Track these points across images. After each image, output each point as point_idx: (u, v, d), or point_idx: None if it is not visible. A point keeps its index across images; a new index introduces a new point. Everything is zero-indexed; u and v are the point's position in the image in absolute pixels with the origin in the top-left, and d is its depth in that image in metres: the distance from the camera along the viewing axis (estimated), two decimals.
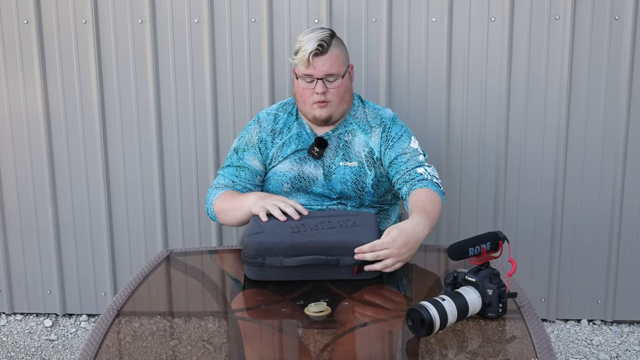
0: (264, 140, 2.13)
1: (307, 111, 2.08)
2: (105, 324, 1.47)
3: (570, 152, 2.63)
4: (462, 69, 2.59)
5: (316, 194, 2.11)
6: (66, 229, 2.83)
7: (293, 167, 2.11)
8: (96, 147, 2.73)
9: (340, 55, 2.06)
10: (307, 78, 2.04)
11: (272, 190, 2.13)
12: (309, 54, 2.00)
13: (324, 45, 2.01)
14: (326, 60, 2.02)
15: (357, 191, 2.10)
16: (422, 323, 1.37)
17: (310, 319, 1.49)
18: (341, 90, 2.05)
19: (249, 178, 2.12)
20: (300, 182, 2.10)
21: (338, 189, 2.10)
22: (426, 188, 1.96)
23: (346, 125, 2.13)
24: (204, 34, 2.62)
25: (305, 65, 2.01)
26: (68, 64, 2.68)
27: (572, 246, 2.72)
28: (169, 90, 2.67)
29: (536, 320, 1.46)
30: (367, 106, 2.17)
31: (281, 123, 2.15)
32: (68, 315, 2.93)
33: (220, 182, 2.13)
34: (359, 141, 2.11)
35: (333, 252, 1.67)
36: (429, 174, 2.02)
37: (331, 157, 2.11)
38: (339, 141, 2.11)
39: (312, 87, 2.04)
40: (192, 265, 1.88)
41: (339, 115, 2.09)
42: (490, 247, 1.47)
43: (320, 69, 2.02)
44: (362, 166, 2.10)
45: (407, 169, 2.04)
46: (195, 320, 1.51)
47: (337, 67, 2.04)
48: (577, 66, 2.56)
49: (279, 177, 2.12)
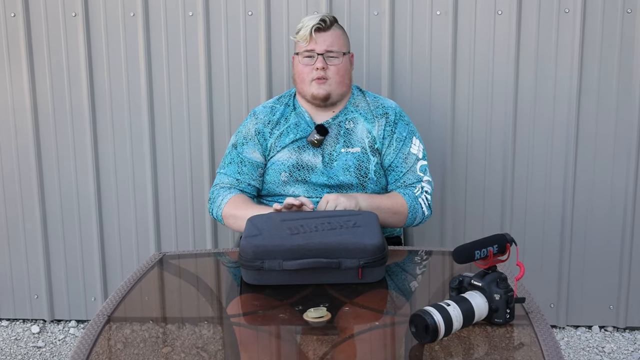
0: (261, 132, 2.19)
1: (305, 90, 2.15)
2: (95, 331, 1.47)
3: (581, 151, 2.64)
4: (467, 65, 2.59)
5: (314, 183, 2.13)
6: (54, 231, 2.83)
7: (291, 155, 2.15)
8: (86, 144, 2.73)
9: (342, 37, 2.17)
10: (308, 53, 2.12)
11: (270, 180, 2.17)
12: (311, 28, 2.10)
13: (327, 21, 2.13)
14: (328, 37, 2.13)
15: (360, 177, 2.13)
16: (426, 329, 1.37)
17: (309, 325, 1.49)
18: (341, 70, 2.14)
19: (251, 173, 2.17)
20: (299, 171, 2.14)
21: (340, 176, 2.13)
22: (400, 195, 2.11)
23: (347, 113, 2.19)
24: (198, 28, 2.62)
25: (307, 40, 2.12)
26: (57, 59, 2.68)
27: (583, 249, 2.72)
28: (162, 87, 2.67)
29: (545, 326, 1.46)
30: (367, 95, 2.24)
31: (278, 114, 2.20)
32: (56, 321, 2.93)
33: (224, 181, 2.18)
34: (362, 128, 2.17)
35: (334, 255, 1.67)
36: (423, 191, 2.14)
37: (332, 145, 2.15)
38: (340, 129, 2.17)
39: (312, 63, 2.12)
40: (186, 269, 1.88)
41: (337, 97, 2.15)
42: (497, 250, 1.47)
43: (322, 44, 2.12)
44: (365, 152, 2.15)
45: (405, 184, 2.16)
46: (189, 326, 1.51)
47: (338, 45, 2.14)
48: (587, 61, 2.56)
49: (277, 166, 2.16)
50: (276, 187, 2.16)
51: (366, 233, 1.73)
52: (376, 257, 1.67)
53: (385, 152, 2.16)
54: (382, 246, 1.69)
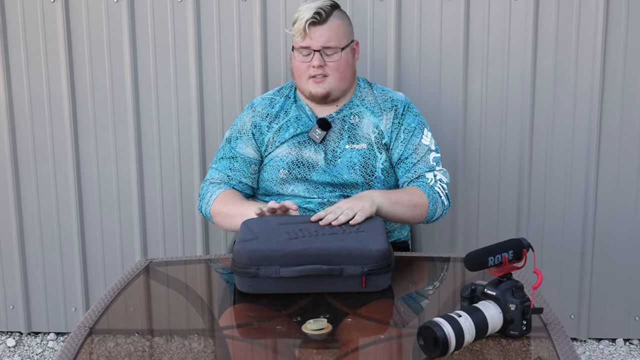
0: (258, 125, 2.18)
1: (303, 87, 2.14)
2: (75, 344, 1.47)
3: (604, 145, 2.63)
4: (481, 53, 2.59)
5: (316, 181, 2.13)
6: (31, 236, 2.83)
7: (291, 151, 2.15)
8: (65, 140, 2.72)
9: (342, 28, 2.11)
10: (303, 51, 2.09)
11: (267, 177, 2.17)
12: (305, 22, 2.05)
13: (322, 14, 2.07)
14: (324, 31, 2.08)
15: (366, 176, 2.13)
16: (435, 342, 1.37)
17: (308, 338, 1.49)
18: (341, 65, 2.10)
19: (243, 169, 2.17)
20: (299, 168, 2.14)
21: (344, 175, 2.13)
22: (415, 186, 2.09)
23: (352, 107, 2.18)
24: (188, 15, 2.62)
25: (302, 36, 2.08)
26: (34, 49, 2.67)
27: (606, 255, 2.72)
28: (148, 81, 2.67)
29: (565, 339, 1.46)
30: (375, 88, 2.23)
31: (278, 107, 2.20)
32: (34, 334, 2.93)
33: (215, 176, 2.18)
34: (368, 123, 2.16)
35: (336, 261, 1.67)
36: (436, 180, 2.11)
37: (335, 141, 2.14)
38: (344, 123, 2.16)
39: (309, 60, 2.09)
40: (175, 277, 1.88)
41: (338, 93, 2.14)
42: (512, 256, 1.47)
43: (318, 40, 2.07)
44: (371, 148, 2.14)
45: (416, 173, 2.12)
46: (178, 339, 1.51)
47: (336, 40, 2.09)
48: (611, 47, 2.56)
49: (275, 163, 2.15)
50: (274, 185, 2.16)
51: (370, 238, 1.73)
52: (381, 263, 1.67)
53: (394, 146, 2.15)
54: (387, 252, 1.69)
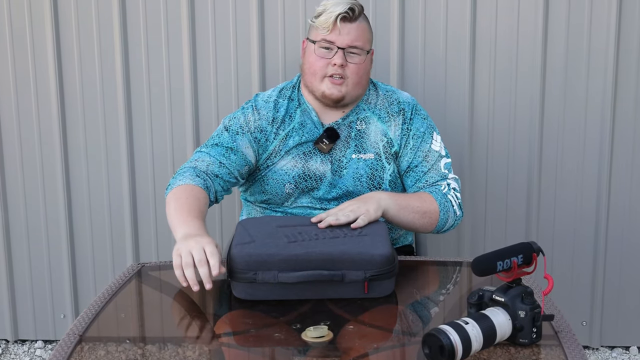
0: (265, 131, 2.12)
1: (316, 87, 2.09)
2: (64, 352, 1.48)
3: (617, 142, 2.63)
4: (488, 48, 2.59)
5: (320, 197, 2.12)
6: (18, 239, 2.83)
7: (297, 163, 2.11)
8: (53, 137, 2.72)
9: (367, 31, 2.11)
10: (326, 44, 2.06)
11: (271, 190, 2.13)
12: (336, 16, 2.03)
13: (355, 11, 2.05)
14: (353, 29, 2.06)
15: (372, 188, 2.11)
16: (441, 351, 1.37)
17: (308, 346, 1.49)
18: (361, 69, 2.08)
19: (239, 164, 2.08)
20: (306, 182, 2.11)
21: (349, 186, 2.11)
22: (427, 192, 2.08)
23: (358, 112, 2.15)
24: (181, 6, 2.61)
25: (329, 29, 2.04)
26: (20, 43, 2.68)
27: (619, 259, 2.73)
28: (140, 77, 2.67)
29: (577, 347, 1.47)
30: (379, 89, 2.20)
31: (282, 110, 2.14)
32: (20, 342, 2.94)
33: (204, 159, 2.05)
34: (375, 130, 2.14)
35: (337, 266, 1.67)
36: (450, 188, 2.09)
37: (341, 150, 2.12)
38: (350, 130, 2.13)
39: (330, 56, 2.06)
40: (168, 282, 1.88)
41: (351, 99, 2.11)
42: (522, 261, 1.47)
43: (345, 37, 2.05)
44: (379, 158, 2.12)
45: (427, 183, 2.11)
46: (172, 347, 1.51)
47: (362, 41, 2.08)
48: (625, 35, 2.56)
49: (280, 177, 2.12)
50: (278, 198, 2.13)
51: (373, 242, 1.74)
52: (384, 269, 1.68)
53: (402, 153, 2.12)
54: (391, 257, 1.69)
